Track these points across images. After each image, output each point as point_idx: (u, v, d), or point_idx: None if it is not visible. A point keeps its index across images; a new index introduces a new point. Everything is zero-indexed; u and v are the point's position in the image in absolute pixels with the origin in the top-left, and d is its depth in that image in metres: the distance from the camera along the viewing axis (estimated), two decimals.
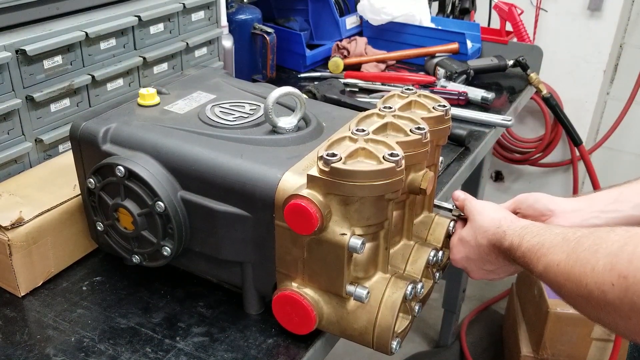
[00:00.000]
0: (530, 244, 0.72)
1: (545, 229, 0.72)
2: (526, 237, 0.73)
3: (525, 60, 1.70)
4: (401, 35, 1.82)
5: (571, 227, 0.69)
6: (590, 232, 0.64)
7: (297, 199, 0.71)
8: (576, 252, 0.63)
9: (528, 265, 0.72)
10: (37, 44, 1.00)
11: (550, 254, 0.67)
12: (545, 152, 2.59)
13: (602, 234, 0.62)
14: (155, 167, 0.82)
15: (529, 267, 0.72)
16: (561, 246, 0.66)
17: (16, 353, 0.79)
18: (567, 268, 0.63)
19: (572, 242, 0.64)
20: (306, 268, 0.77)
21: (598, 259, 0.59)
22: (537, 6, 2.42)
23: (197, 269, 0.91)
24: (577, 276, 0.61)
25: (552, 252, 0.66)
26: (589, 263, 0.60)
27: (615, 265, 0.56)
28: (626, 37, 2.44)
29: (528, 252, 0.71)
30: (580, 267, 0.61)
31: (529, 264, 0.71)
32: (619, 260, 0.56)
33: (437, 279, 0.92)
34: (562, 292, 0.65)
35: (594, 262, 0.59)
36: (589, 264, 0.60)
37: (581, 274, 0.60)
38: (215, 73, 1.09)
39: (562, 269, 0.64)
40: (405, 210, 0.86)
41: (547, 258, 0.67)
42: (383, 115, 0.82)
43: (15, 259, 0.86)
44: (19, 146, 1.02)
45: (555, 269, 0.65)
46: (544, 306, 2.02)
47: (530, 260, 0.71)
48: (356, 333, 0.78)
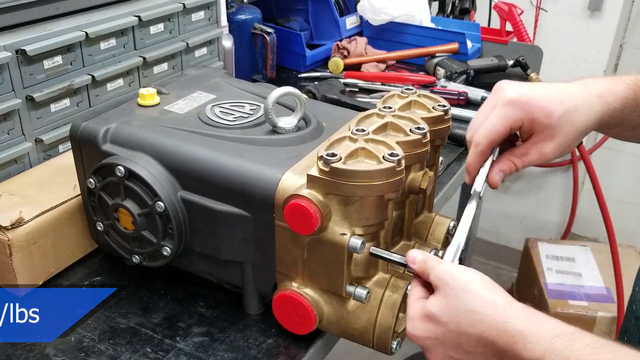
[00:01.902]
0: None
1: (594, 344, 0.55)
2: (573, 357, 0.54)
3: (525, 60, 1.70)
4: (401, 35, 1.82)
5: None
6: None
7: (297, 199, 0.71)
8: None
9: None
10: (37, 44, 1.00)
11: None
12: None
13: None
14: (155, 167, 0.82)
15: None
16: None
17: (16, 353, 0.79)
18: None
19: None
20: (306, 268, 0.77)
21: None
22: (537, 6, 2.42)
23: (197, 269, 0.91)
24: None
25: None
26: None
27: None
28: (626, 37, 2.44)
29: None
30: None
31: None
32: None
33: None
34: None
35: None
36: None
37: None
38: (215, 73, 1.09)
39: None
40: (405, 210, 0.86)
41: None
42: (383, 115, 0.82)
43: (15, 259, 0.86)
44: (19, 146, 1.02)
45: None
46: (544, 306, 2.02)
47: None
48: (356, 333, 0.78)
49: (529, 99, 0.75)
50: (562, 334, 0.56)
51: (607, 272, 2.10)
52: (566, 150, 0.77)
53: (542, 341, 0.56)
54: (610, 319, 1.98)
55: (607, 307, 2.00)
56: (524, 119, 0.75)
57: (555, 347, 0.55)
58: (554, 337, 0.56)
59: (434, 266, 0.65)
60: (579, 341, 0.55)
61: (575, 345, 0.55)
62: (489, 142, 0.76)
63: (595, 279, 2.13)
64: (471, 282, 0.62)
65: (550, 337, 0.56)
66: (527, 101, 0.75)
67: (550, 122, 0.74)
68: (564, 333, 0.56)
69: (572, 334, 0.56)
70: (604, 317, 1.98)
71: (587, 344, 0.55)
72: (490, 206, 2.78)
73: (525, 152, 0.77)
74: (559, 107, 0.75)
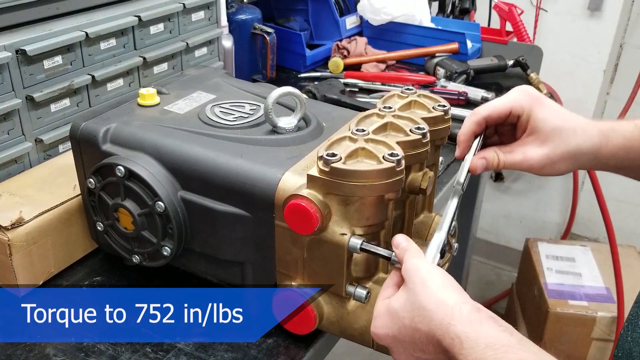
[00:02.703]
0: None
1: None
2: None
3: (525, 60, 1.70)
4: (401, 35, 1.82)
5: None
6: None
7: (297, 199, 0.71)
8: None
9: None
10: (37, 44, 1.00)
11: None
12: None
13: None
14: (155, 167, 0.82)
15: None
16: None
17: (16, 353, 0.79)
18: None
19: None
20: (306, 268, 0.77)
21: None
22: (537, 6, 2.42)
23: (197, 269, 0.91)
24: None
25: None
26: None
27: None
28: (626, 37, 2.44)
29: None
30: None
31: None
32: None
33: None
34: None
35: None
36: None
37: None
38: (215, 73, 1.09)
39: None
40: (405, 210, 0.86)
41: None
42: (383, 115, 0.82)
43: (15, 259, 0.86)
44: (19, 146, 1.02)
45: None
46: (544, 306, 2.02)
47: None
48: (356, 333, 0.78)
49: (539, 96, 0.77)
50: (495, 345, 0.55)
51: (607, 272, 2.10)
52: (551, 166, 0.77)
53: (475, 349, 0.56)
54: (610, 318, 1.98)
55: (607, 307, 2.00)
56: (526, 108, 0.76)
57: (485, 357, 0.55)
58: (487, 347, 0.55)
59: (408, 258, 0.66)
60: (510, 354, 0.55)
61: (505, 358, 0.54)
62: (487, 114, 0.77)
63: (595, 279, 2.13)
64: (429, 279, 0.62)
65: (484, 346, 0.55)
66: (537, 97, 0.76)
67: (545, 127, 0.75)
68: (499, 344, 0.55)
69: (507, 347, 0.55)
70: (604, 317, 1.98)
71: (519, 358, 0.54)
72: (490, 206, 2.78)
73: (511, 150, 0.78)
74: (558, 119, 0.76)
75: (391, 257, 0.70)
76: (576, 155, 0.76)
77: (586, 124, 0.76)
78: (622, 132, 0.76)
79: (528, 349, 0.56)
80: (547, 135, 0.75)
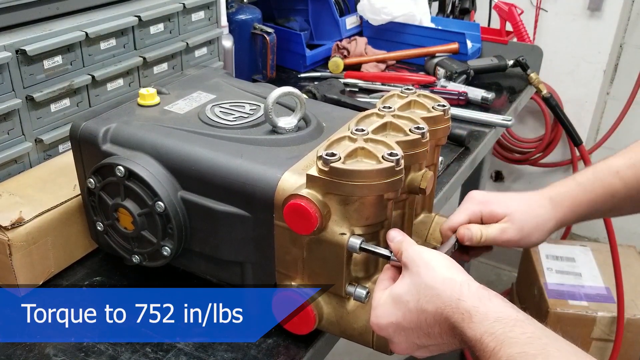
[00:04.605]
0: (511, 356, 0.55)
1: (531, 334, 0.56)
2: (506, 342, 0.56)
3: (525, 60, 1.70)
4: (401, 35, 1.82)
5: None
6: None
7: (297, 199, 0.71)
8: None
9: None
10: (37, 44, 1.00)
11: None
12: (545, 152, 2.59)
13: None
14: (155, 167, 0.82)
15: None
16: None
17: (16, 353, 0.80)
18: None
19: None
20: (306, 268, 0.77)
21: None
22: (537, 6, 2.42)
23: (197, 269, 0.91)
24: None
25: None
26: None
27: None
28: (626, 37, 2.44)
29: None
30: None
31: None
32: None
33: None
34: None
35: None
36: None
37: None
38: (215, 73, 1.09)
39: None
40: (405, 210, 0.86)
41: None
42: (382, 115, 0.82)
43: (15, 259, 0.86)
44: (19, 146, 1.02)
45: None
46: (544, 306, 2.02)
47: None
48: (356, 333, 0.78)
49: (489, 198, 0.86)
50: (505, 319, 0.57)
51: (607, 272, 2.10)
52: (528, 239, 0.84)
53: (484, 322, 0.58)
54: (610, 318, 1.98)
55: (607, 307, 2.00)
56: (483, 211, 0.84)
57: (494, 330, 0.57)
58: (496, 320, 0.57)
59: (407, 247, 0.69)
60: (518, 328, 0.57)
61: (514, 331, 0.56)
62: (450, 226, 0.85)
63: (595, 279, 2.13)
64: (434, 261, 0.66)
65: (493, 319, 0.58)
66: (486, 200, 0.85)
67: (507, 211, 0.83)
68: (507, 318, 0.58)
69: (515, 320, 0.57)
70: (604, 317, 1.98)
71: (525, 332, 0.56)
72: None
73: (489, 226, 0.84)
74: (514, 201, 0.85)
75: (391, 256, 0.71)
76: (542, 226, 0.84)
77: (538, 198, 0.85)
78: (565, 193, 0.86)
79: (534, 324, 0.58)
80: (512, 215, 0.83)
